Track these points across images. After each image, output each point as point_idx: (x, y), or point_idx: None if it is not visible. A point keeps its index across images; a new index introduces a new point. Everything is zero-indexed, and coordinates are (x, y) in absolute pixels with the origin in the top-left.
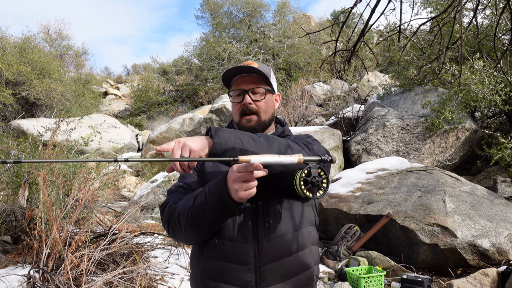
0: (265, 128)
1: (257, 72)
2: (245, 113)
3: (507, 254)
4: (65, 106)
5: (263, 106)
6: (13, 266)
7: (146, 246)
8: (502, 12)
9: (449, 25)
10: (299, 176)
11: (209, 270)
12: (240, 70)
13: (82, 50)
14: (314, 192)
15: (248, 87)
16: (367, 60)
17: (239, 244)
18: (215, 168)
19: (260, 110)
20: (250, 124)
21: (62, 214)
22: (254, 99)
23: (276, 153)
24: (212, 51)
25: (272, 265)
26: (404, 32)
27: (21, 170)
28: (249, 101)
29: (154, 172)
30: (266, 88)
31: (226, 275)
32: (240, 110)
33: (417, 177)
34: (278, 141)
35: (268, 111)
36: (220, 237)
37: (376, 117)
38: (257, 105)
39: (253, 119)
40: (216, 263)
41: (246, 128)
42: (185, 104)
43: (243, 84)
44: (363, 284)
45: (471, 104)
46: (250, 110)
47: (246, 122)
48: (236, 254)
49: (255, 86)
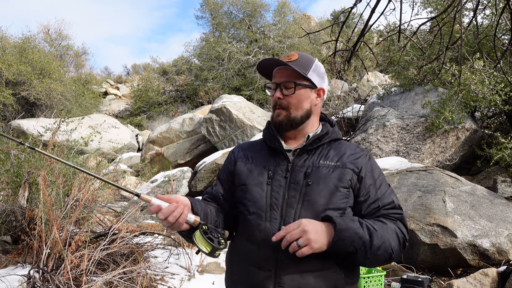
0: (296, 125)
1: (288, 66)
2: (276, 107)
3: (507, 254)
4: (65, 106)
5: (293, 101)
6: (13, 266)
7: (146, 246)
8: (502, 12)
9: (449, 25)
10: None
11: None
12: (272, 64)
13: (82, 50)
14: (215, 242)
15: (280, 81)
16: (367, 60)
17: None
18: (247, 169)
19: (290, 105)
20: (278, 118)
21: (62, 214)
22: (284, 94)
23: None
24: (212, 51)
25: (292, 277)
26: (404, 32)
27: (21, 170)
28: (278, 96)
29: (154, 172)
30: (298, 82)
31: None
32: (273, 104)
33: (417, 177)
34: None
35: (300, 107)
36: (243, 238)
37: (376, 117)
38: (287, 100)
39: (282, 114)
40: (238, 265)
41: (275, 121)
42: (185, 104)
43: (276, 78)
44: (363, 284)
45: (471, 104)
46: (279, 105)
47: (276, 115)
48: (258, 259)
49: (286, 80)
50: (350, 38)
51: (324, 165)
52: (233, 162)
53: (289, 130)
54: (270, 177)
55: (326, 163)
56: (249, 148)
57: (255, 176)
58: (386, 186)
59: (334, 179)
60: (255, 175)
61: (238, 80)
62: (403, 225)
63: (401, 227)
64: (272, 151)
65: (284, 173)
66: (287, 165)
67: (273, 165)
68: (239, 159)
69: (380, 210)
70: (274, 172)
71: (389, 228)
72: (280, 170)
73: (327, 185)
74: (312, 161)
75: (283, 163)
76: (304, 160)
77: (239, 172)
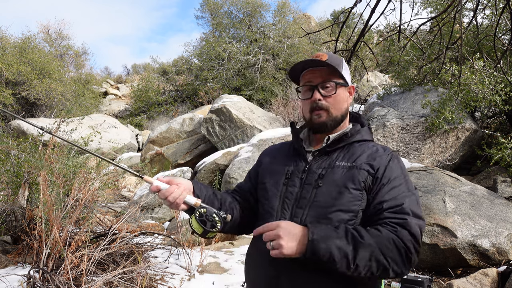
0: (336, 125)
1: (327, 65)
2: (315, 109)
3: (507, 254)
4: (65, 106)
5: (333, 101)
6: (13, 266)
7: (146, 246)
8: (502, 12)
9: (449, 25)
10: (196, 211)
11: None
12: (308, 64)
13: (82, 50)
14: (208, 226)
15: (317, 82)
16: (367, 60)
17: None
18: (269, 168)
19: (331, 106)
20: (321, 120)
21: (62, 214)
22: (324, 95)
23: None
24: (212, 51)
25: (295, 275)
26: (404, 32)
27: (21, 170)
28: (318, 97)
29: (154, 172)
30: (337, 81)
31: (256, 272)
32: (310, 106)
33: (417, 177)
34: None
35: (339, 107)
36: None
37: (376, 117)
38: (328, 100)
39: (323, 115)
40: (253, 260)
41: (316, 124)
42: (185, 104)
43: (312, 79)
44: None
45: (471, 104)
46: (320, 106)
47: (317, 118)
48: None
49: (324, 80)
50: (350, 38)
51: (339, 166)
52: (260, 161)
53: (330, 131)
54: (287, 178)
55: (341, 164)
56: (278, 148)
57: (274, 175)
58: (404, 189)
59: (345, 180)
60: (274, 174)
61: (238, 80)
62: (408, 233)
63: (403, 235)
64: (296, 152)
65: (300, 174)
66: (305, 166)
67: (293, 166)
68: (265, 158)
69: (382, 213)
70: (292, 173)
71: (383, 237)
72: (298, 171)
73: (337, 186)
74: (329, 163)
75: (301, 164)
76: (322, 162)
77: (262, 170)
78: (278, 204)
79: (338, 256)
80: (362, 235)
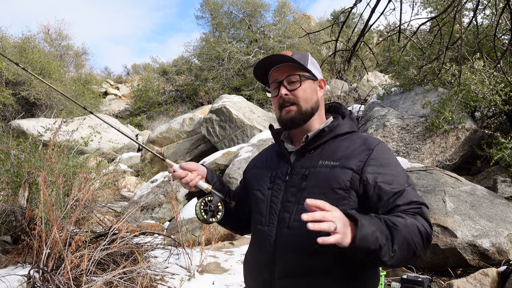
0: (307, 118)
1: (290, 60)
2: (284, 106)
3: (507, 254)
4: (65, 106)
5: (301, 94)
6: (13, 266)
7: (146, 246)
8: (502, 12)
9: (449, 25)
10: (202, 200)
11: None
12: (272, 61)
13: (82, 50)
14: (209, 216)
15: (282, 78)
16: (367, 60)
17: (261, 253)
18: (254, 174)
19: (299, 99)
20: (290, 115)
21: (62, 214)
22: (289, 89)
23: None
24: (212, 51)
25: (285, 281)
26: (404, 32)
27: (21, 170)
28: (284, 92)
29: (154, 172)
30: (302, 74)
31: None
32: (278, 103)
33: (417, 177)
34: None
35: (309, 99)
36: (252, 241)
37: (376, 117)
38: (294, 94)
39: (292, 109)
40: (248, 266)
41: (286, 120)
42: (185, 104)
43: (277, 76)
44: None
45: (471, 104)
46: (287, 101)
47: (286, 113)
48: (258, 262)
49: (288, 74)
50: (350, 38)
51: (322, 165)
52: (248, 167)
53: (302, 125)
54: (272, 181)
55: (324, 163)
56: (261, 155)
57: (259, 181)
58: (402, 179)
59: (330, 180)
60: (260, 180)
61: (238, 80)
62: (424, 220)
63: (422, 222)
64: (279, 154)
65: (284, 177)
66: (288, 167)
67: (276, 169)
68: (249, 166)
69: (399, 207)
70: (276, 176)
71: (408, 223)
72: (281, 174)
73: (322, 188)
74: (312, 162)
75: (284, 166)
76: (305, 161)
77: (248, 177)
78: (266, 210)
79: (383, 241)
80: (393, 221)
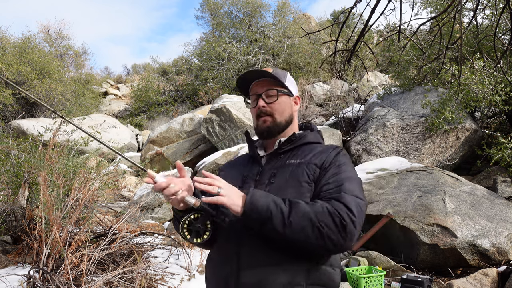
0: (281, 130)
1: (270, 76)
2: (260, 116)
3: (507, 254)
4: (65, 106)
5: (277, 107)
6: (13, 266)
7: (146, 246)
8: (502, 12)
9: (449, 25)
10: (187, 217)
11: (209, 269)
12: (254, 76)
13: (82, 50)
14: (192, 236)
15: (261, 91)
16: (367, 60)
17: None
18: (226, 177)
19: (274, 111)
20: (266, 125)
21: (62, 214)
22: (267, 102)
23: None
24: (212, 51)
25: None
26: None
27: (21, 170)
28: (262, 104)
29: (154, 172)
30: (280, 90)
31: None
32: (256, 114)
33: (417, 177)
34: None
35: (283, 113)
36: (212, 255)
37: (376, 117)
38: (271, 107)
39: (268, 120)
40: (213, 263)
41: (262, 129)
42: (185, 104)
43: (257, 89)
44: (363, 284)
45: (471, 104)
46: (264, 112)
47: (262, 123)
48: (223, 255)
49: (268, 88)
50: (350, 38)
51: (289, 164)
52: (218, 174)
53: (276, 136)
54: (243, 181)
55: (291, 162)
56: (235, 160)
57: (231, 181)
58: (347, 174)
59: (296, 175)
60: (231, 181)
61: None
62: (342, 205)
63: (337, 206)
64: (252, 159)
65: (255, 176)
66: (259, 168)
67: (248, 171)
68: (223, 170)
69: (321, 193)
70: (247, 176)
71: (318, 205)
72: (252, 174)
73: (288, 182)
74: (281, 163)
75: (256, 168)
76: (275, 163)
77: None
78: None
79: (274, 210)
80: (298, 201)
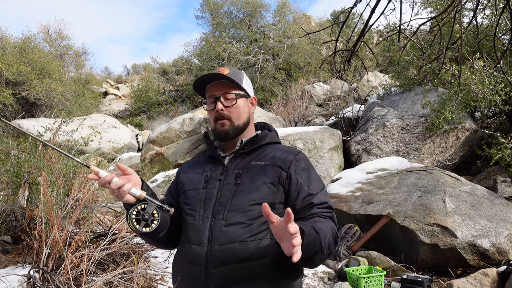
0: (239, 132)
1: (227, 78)
2: (219, 119)
3: (507, 254)
4: (65, 106)
5: (235, 111)
6: (13, 266)
7: (146, 246)
8: (502, 12)
9: (449, 25)
10: (135, 207)
11: (175, 270)
12: (210, 78)
13: (82, 50)
14: (141, 225)
15: (219, 94)
16: (367, 60)
17: (195, 247)
18: (187, 177)
19: (232, 115)
20: (224, 128)
21: (62, 214)
22: (225, 105)
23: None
24: (212, 51)
25: (220, 269)
26: (404, 32)
27: (21, 170)
28: (220, 107)
29: (154, 172)
30: (238, 93)
31: (184, 274)
32: (214, 117)
33: (417, 177)
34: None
35: (241, 116)
36: (183, 240)
37: (376, 117)
38: (229, 110)
39: (226, 123)
40: (179, 264)
41: (220, 132)
42: (185, 104)
43: (214, 91)
44: (363, 284)
45: (471, 104)
46: (222, 116)
47: (220, 126)
48: (191, 256)
49: (226, 92)
50: (350, 38)
51: (254, 165)
52: (178, 175)
53: (235, 138)
54: (206, 181)
55: (256, 163)
56: (194, 161)
57: (193, 182)
58: (319, 185)
59: (261, 176)
60: (193, 181)
61: None
62: (334, 223)
63: (333, 225)
64: (212, 159)
65: (219, 176)
66: (222, 168)
67: (210, 171)
68: (182, 171)
69: (313, 208)
70: (211, 176)
71: (328, 226)
72: (216, 174)
73: (254, 182)
74: (245, 163)
75: (219, 168)
76: (238, 163)
77: (181, 181)
78: (200, 206)
79: (318, 246)
80: (317, 226)
